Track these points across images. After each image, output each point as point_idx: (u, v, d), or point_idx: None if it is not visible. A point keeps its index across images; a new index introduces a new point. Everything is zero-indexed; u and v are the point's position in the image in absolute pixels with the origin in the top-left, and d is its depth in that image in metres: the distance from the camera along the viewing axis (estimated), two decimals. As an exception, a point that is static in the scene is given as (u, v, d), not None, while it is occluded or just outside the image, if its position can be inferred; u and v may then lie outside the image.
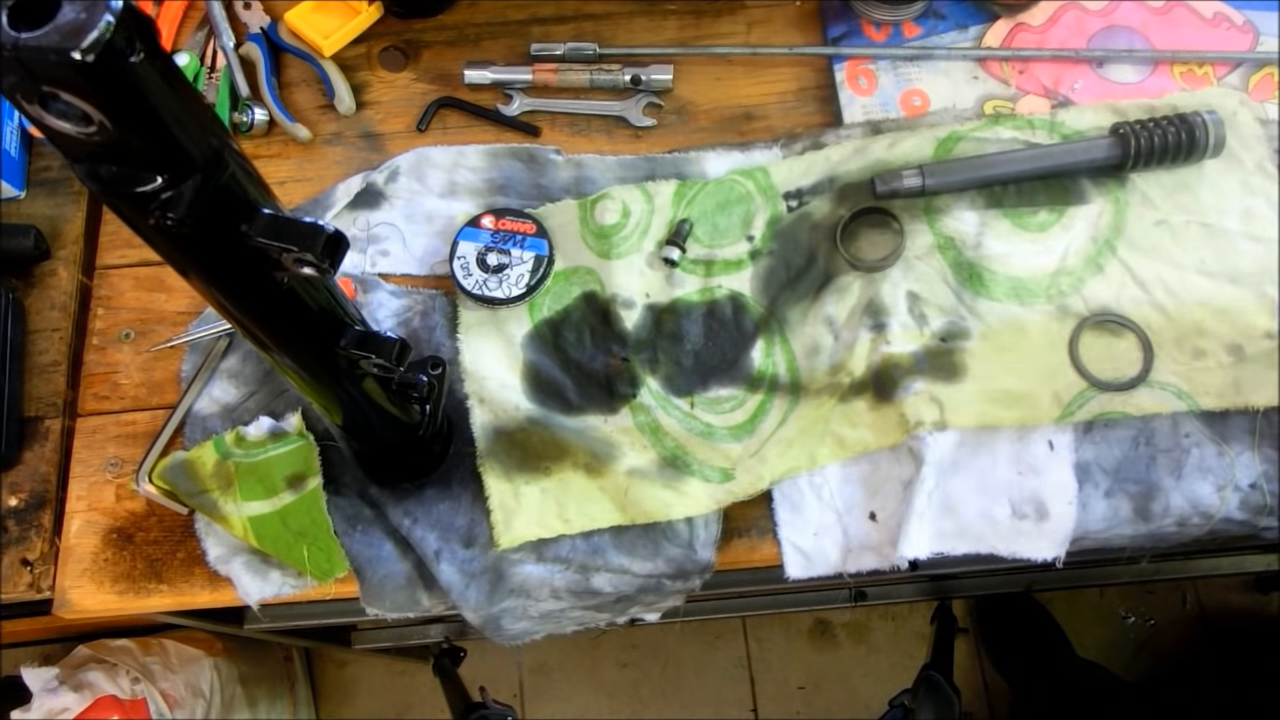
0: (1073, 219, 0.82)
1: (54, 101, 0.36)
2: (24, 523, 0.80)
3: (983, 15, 0.92)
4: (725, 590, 1.14)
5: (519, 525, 0.77)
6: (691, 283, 0.84)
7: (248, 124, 0.90)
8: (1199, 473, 0.75)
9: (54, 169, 0.92)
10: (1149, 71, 0.89)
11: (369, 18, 0.95)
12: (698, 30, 0.95)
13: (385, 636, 1.26)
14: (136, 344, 0.86)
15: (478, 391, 0.81)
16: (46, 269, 0.88)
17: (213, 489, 0.77)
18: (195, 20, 0.96)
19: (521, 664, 1.75)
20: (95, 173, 0.40)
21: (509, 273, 0.83)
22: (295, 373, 0.60)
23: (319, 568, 0.77)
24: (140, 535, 0.80)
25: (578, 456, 0.78)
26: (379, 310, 0.85)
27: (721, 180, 0.87)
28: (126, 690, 1.11)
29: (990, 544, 0.74)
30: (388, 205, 0.89)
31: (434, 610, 0.79)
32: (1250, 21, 0.90)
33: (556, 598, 0.77)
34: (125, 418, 0.84)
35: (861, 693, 1.71)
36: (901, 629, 1.74)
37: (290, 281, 0.51)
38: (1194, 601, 1.73)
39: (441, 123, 0.93)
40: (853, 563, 0.76)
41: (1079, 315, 0.80)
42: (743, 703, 1.72)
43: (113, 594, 0.79)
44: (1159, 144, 0.80)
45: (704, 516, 0.77)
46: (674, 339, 0.82)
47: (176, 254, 0.47)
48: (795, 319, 0.82)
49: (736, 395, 0.81)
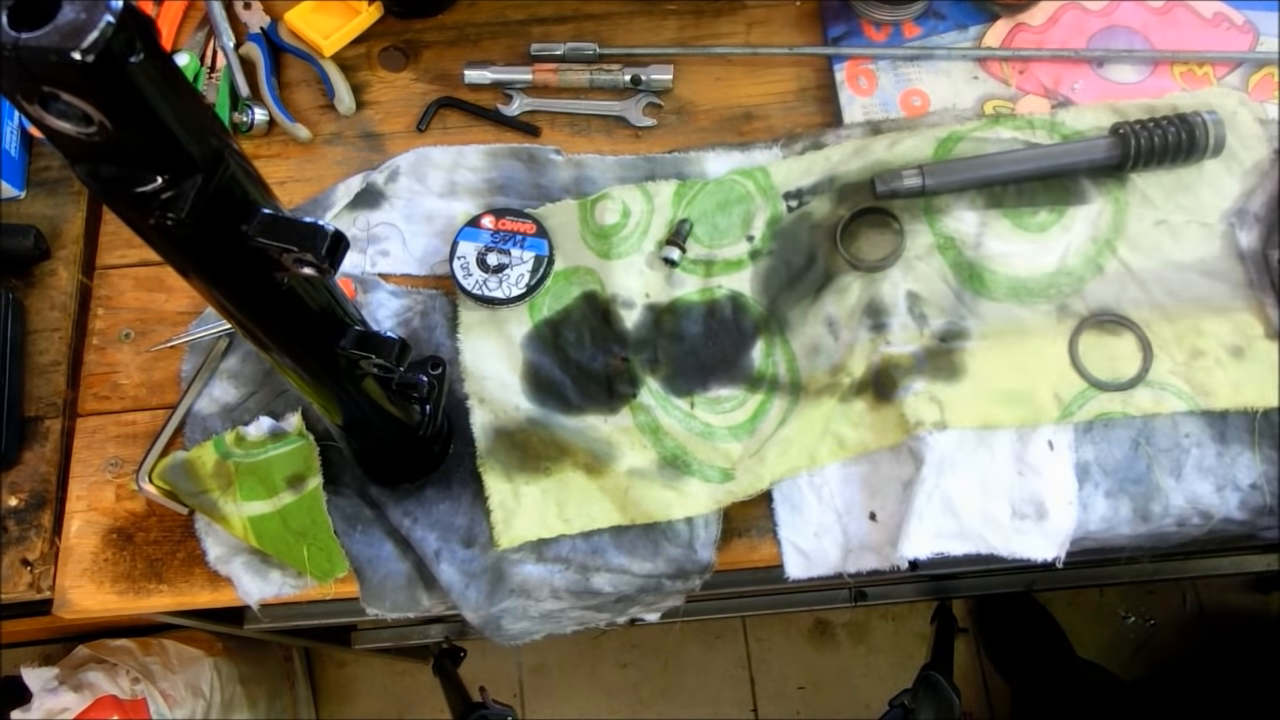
0: (1073, 219, 0.82)
1: (54, 101, 0.36)
2: (24, 523, 0.80)
3: (983, 15, 0.92)
4: (725, 590, 1.14)
5: (519, 525, 0.77)
6: (691, 283, 0.84)
7: (248, 124, 0.90)
8: (1199, 473, 0.75)
9: (54, 169, 0.92)
10: (1149, 71, 0.89)
11: (369, 18, 0.95)
12: (698, 30, 0.95)
13: (385, 636, 1.26)
14: (136, 344, 0.86)
15: (478, 391, 0.81)
16: (46, 269, 0.88)
17: (213, 489, 0.77)
18: (195, 20, 0.97)
19: (521, 664, 1.75)
20: (95, 173, 0.40)
21: (509, 273, 0.83)
22: (295, 373, 0.60)
23: (319, 568, 0.77)
24: (140, 535, 0.80)
25: (578, 456, 0.78)
26: (379, 310, 0.85)
27: (721, 180, 0.87)
28: (126, 690, 1.11)
29: (990, 544, 0.74)
30: (388, 205, 0.89)
31: (434, 610, 0.79)
32: (1250, 21, 0.90)
33: (556, 598, 0.77)
34: (125, 418, 0.84)
35: (861, 693, 1.71)
36: (901, 629, 1.74)
37: (290, 281, 0.51)
38: (1194, 601, 1.73)
39: (441, 123, 0.93)
40: (853, 563, 0.76)
41: (1079, 315, 0.80)
42: (743, 703, 1.72)
43: (113, 594, 0.79)
44: (1159, 144, 0.80)
45: (704, 516, 0.77)
46: (674, 339, 0.82)
47: (176, 254, 0.47)
48: (795, 319, 0.82)
49: (736, 395, 0.81)
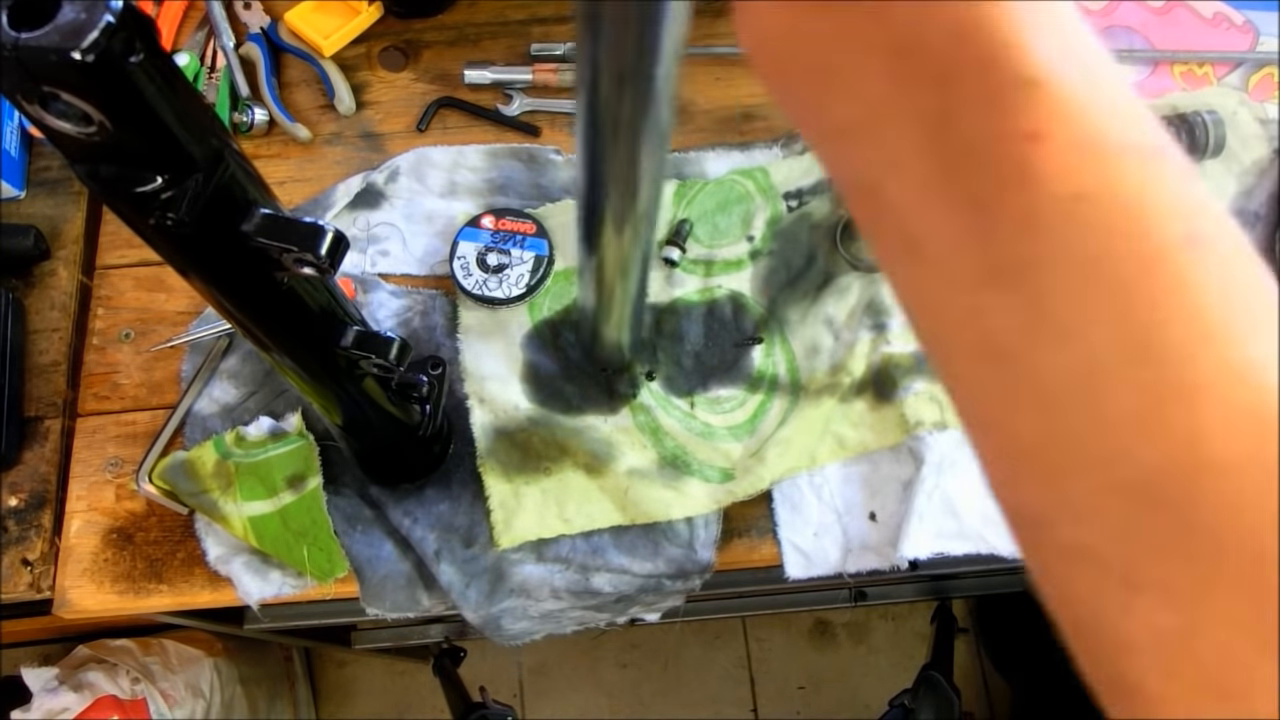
0: (1073, 219, 0.82)
1: (54, 101, 0.36)
2: (24, 523, 0.80)
3: (983, 15, 0.92)
4: (725, 590, 1.14)
5: (519, 525, 0.77)
6: (691, 283, 0.84)
7: (248, 124, 0.90)
8: (1199, 473, 0.75)
9: (54, 169, 0.92)
10: (1149, 71, 0.89)
11: (369, 18, 0.95)
12: (698, 30, 0.95)
13: (385, 636, 1.25)
14: (136, 344, 0.86)
15: (478, 391, 0.81)
16: (46, 269, 0.88)
17: (213, 489, 0.77)
18: (195, 20, 0.96)
19: (521, 664, 1.75)
20: (95, 173, 0.40)
21: (509, 273, 0.83)
22: (295, 373, 0.60)
23: (319, 568, 0.77)
24: (140, 535, 0.80)
25: (578, 456, 0.78)
26: (379, 310, 0.85)
27: (721, 180, 0.87)
28: (126, 690, 1.11)
29: (990, 544, 0.74)
30: (388, 205, 0.89)
31: (434, 610, 0.79)
32: (1250, 21, 0.90)
33: (556, 598, 0.77)
34: (125, 418, 0.84)
35: (861, 693, 1.71)
36: (901, 629, 1.75)
37: (290, 281, 0.51)
38: (1194, 601, 1.72)
39: (441, 123, 0.93)
40: (853, 563, 0.76)
41: (1079, 315, 0.79)
42: (743, 703, 1.72)
43: (113, 594, 0.79)
44: (1159, 144, 0.80)
45: (704, 516, 0.77)
46: (674, 339, 0.82)
47: (176, 254, 0.47)
48: (795, 319, 0.82)
49: (736, 395, 0.81)
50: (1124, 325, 0.21)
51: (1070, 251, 0.22)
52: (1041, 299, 0.22)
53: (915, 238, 0.24)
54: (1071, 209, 0.21)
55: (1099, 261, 0.21)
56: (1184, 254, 0.21)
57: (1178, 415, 0.21)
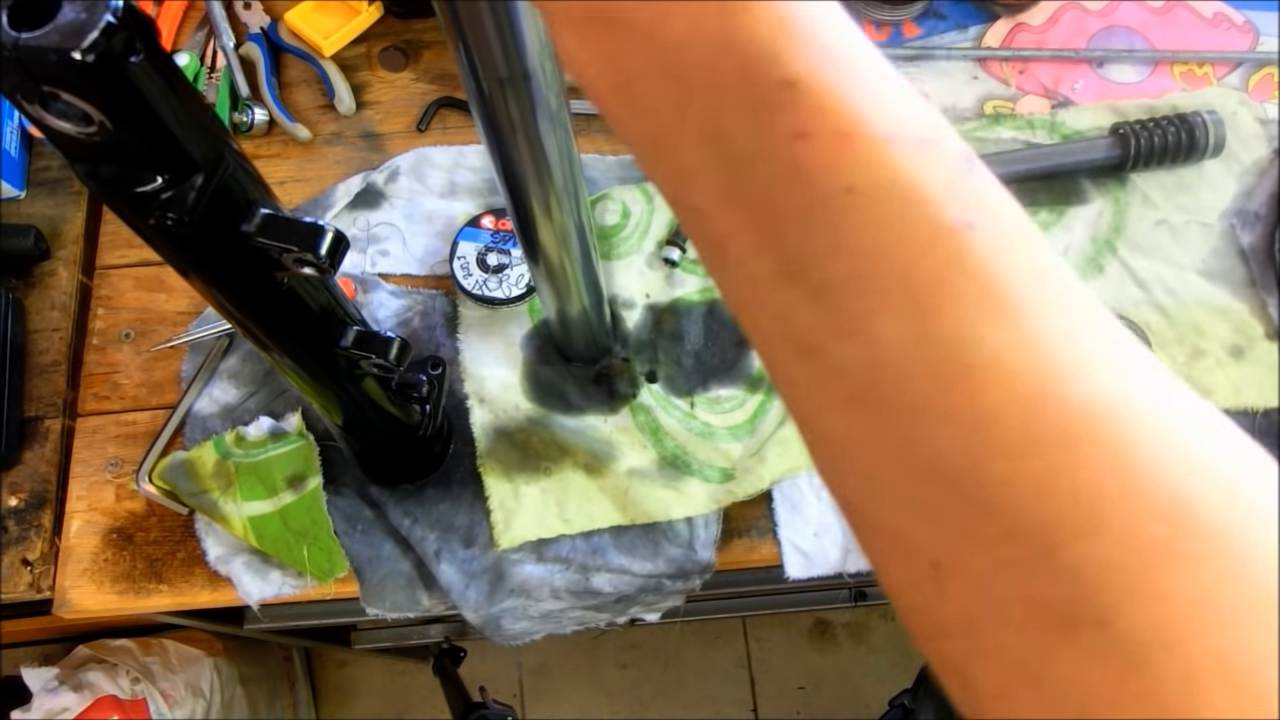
0: (1073, 219, 0.82)
1: (54, 101, 0.36)
2: (24, 523, 0.80)
3: (983, 15, 0.92)
4: (725, 590, 1.14)
5: (519, 525, 0.77)
6: (692, 283, 0.84)
7: (248, 124, 0.90)
8: (1199, 473, 0.75)
9: (54, 169, 0.92)
10: (1149, 71, 0.89)
11: (369, 18, 0.95)
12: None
13: (385, 636, 1.26)
14: (136, 344, 0.86)
15: (478, 391, 0.81)
16: (46, 269, 0.88)
17: (213, 489, 0.77)
18: (195, 20, 0.97)
19: (521, 664, 1.75)
20: (95, 173, 0.40)
21: (509, 273, 0.83)
22: (295, 373, 0.60)
23: (319, 568, 0.77)
24: (140, 535, 0.80)
25: (578, 456, 0.78)
26: (379, 310, 0.85)
27: (721, 180, 0.87)
28: (126, 690, 1.11)
29: (990, 544, 0.74)
30: (388, 205, 0.89)
31: (434, 610, 0.79)
32: (1250, 21, 0.90)
33: (556, 598, 0.77)
34: (125, 418, 0.84)
35: (861, 693, 1.71)
36: (901, 629, 1.74)
37: (290, 281, 0.51)
38: (1194, 601, 1.72)
39: (441, 123, 0.93)
40: (853, 563, 0.76)
41: (1079, 315, 0.79)
42: (743, 703, 1.72)
43: (113, 594, 0.79)
44: (1159, 144, 0.80)
45: (704, 516, 0.77)
46: (674, 339, 0.82)
47: (176, 254, 0.47)
48: (795, 319, 0.82)
49: (736, 395, 0.81)
50: (905, 312, 0.22)
51: (847, 243, 0.22)
52: (828, 293, 0.22)
53: (720, 242, 0.24)
54: (844, 201, 0.22)
55: (875, 251, 0.22)
56: (960, 238, 0.22)
57: (963, 398, 0.21)
